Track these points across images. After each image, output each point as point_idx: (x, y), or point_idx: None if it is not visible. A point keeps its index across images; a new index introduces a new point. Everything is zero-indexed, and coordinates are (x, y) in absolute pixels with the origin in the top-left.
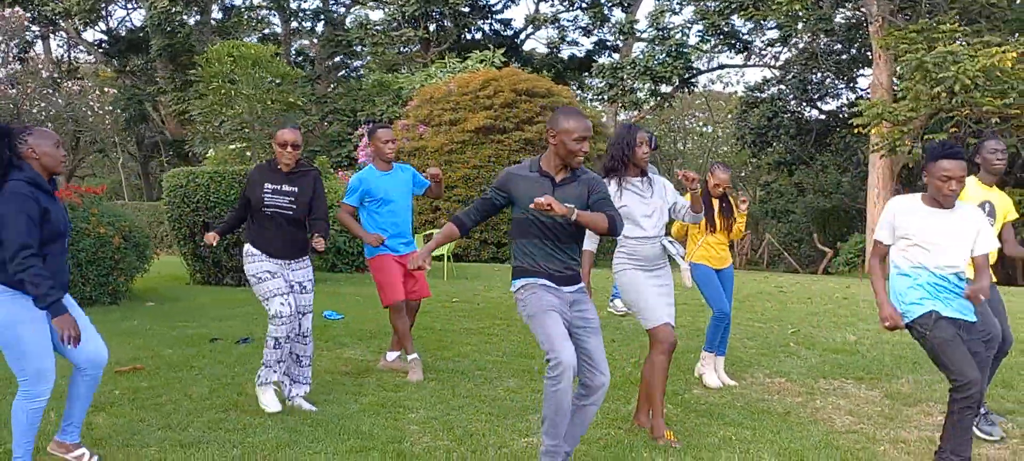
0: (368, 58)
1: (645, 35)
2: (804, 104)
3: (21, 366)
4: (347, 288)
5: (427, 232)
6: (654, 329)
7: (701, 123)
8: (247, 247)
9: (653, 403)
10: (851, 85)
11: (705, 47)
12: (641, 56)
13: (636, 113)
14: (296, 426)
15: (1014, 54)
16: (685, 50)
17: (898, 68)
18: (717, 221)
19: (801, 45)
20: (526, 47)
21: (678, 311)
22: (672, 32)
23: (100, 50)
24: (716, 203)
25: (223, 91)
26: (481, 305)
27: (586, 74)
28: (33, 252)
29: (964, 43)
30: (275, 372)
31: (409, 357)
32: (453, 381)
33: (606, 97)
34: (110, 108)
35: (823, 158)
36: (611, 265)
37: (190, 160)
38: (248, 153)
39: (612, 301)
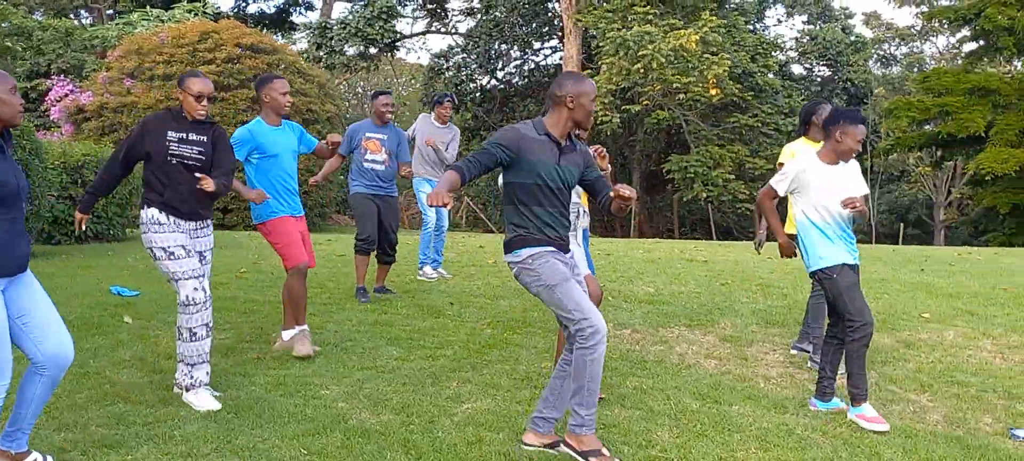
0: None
1: None
2: (486, 74)
3: None
4: (99, 260)
5: None
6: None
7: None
8: (152, 213)
9: None
10: (529, 58)
11: (405, 9)
12: (351, 17)
13: (345, 73)
14: (216, 415)
15: (696, 37)
16: (395, 11)
17: (601, 44)
18: None
19: (492, 16)
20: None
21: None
22: None
23: None
24: None
25: None
26: (280, 275)
27: (278, 31)
28: None
29: (656, 24)
30: (204, 367)
31: (298, 328)
32: (334, 354)
33: (311, 57)
34: None
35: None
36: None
37: None
38: None
39: (421, 268)
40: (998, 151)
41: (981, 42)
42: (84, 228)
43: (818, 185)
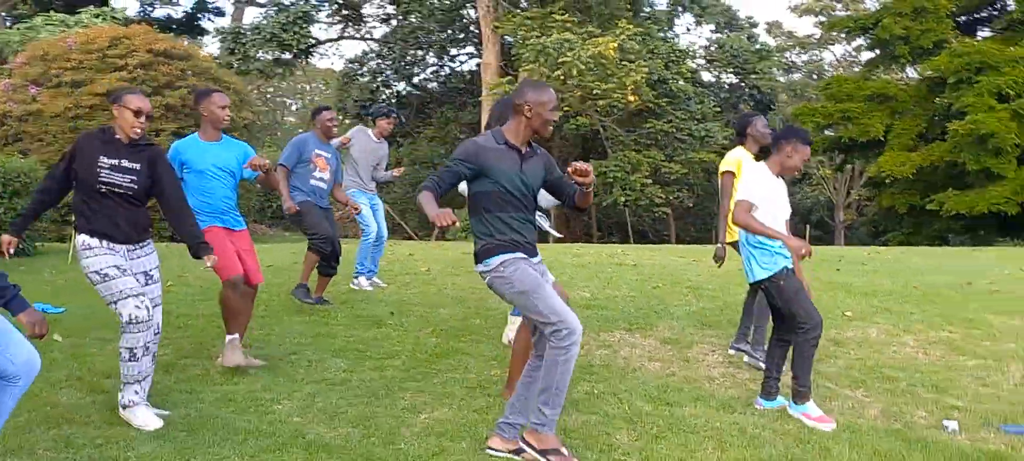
0: None
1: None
2: (402, 79)
3: None
4: (13, 276)
5: None
6: None
7: (295, 95)
8: (82, 238)
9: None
10: (445, 64)
11: (320, 15)
12: (266, 22)
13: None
14: (169, 434)
15: (614, 44)
16: (310, 16)
17: (520, 51)
18: None
19: (408, 22)
20: (114, 3)
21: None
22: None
23: None
24: None
25: None
26: (210, 286)
27: (187, 36)
28: None
29: (574, 31)
30: (142, 389)
31: (228, 337)
32: (281, 368)
33: (223, 62)
34: None
35: (429, 132)
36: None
37: None
38: None
39: (356, 278)
40: (896, 155)
41: (878, 51)
42: (12, 252)
43: (764, 196)
